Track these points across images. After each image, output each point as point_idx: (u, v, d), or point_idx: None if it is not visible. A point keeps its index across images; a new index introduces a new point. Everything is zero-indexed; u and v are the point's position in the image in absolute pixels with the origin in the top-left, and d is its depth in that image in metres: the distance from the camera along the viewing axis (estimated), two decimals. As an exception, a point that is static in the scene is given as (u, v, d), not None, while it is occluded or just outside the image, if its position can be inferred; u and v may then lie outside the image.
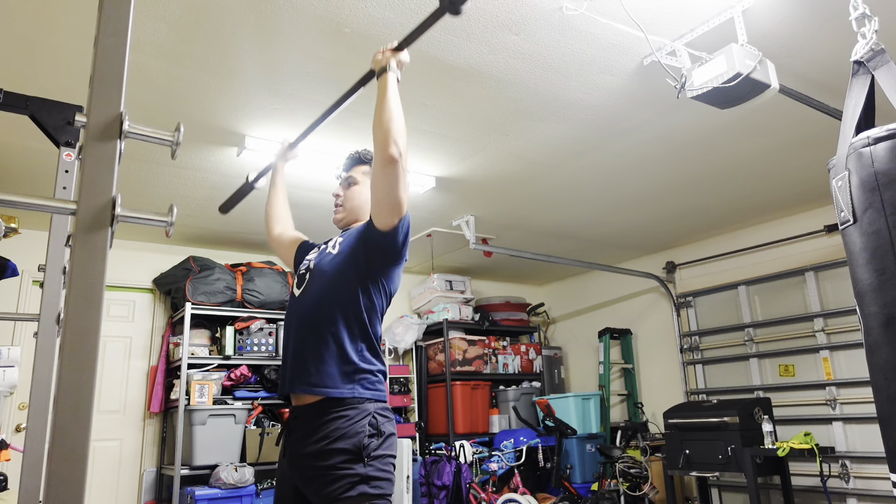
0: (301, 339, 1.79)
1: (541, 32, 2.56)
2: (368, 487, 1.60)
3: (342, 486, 1.59)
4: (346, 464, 1.62)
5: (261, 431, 4.61)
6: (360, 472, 1.61)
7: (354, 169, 2.05)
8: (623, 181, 4.23)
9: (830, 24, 2.56)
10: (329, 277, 1.83)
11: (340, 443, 1.64)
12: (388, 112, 1.71)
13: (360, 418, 1.68)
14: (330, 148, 3.50)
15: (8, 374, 2.76)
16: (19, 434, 4.18)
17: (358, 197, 2.00)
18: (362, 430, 1.66)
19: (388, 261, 1.82)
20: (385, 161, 1.68)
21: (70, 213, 0.83)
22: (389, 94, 1.73)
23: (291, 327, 1.86)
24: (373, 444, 1.65)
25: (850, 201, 1.62)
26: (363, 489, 1.60)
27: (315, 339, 1.76)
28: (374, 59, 1.81)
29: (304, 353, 1.76)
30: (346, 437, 1.64)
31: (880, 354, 1.54)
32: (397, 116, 1.72)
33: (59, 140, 1.63)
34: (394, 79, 1.77)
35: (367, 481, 1.61)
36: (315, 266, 1.90)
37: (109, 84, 0.87)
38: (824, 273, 4.85)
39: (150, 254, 5.01)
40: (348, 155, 2.09)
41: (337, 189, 2.05)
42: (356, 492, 1.59)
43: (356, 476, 1.61)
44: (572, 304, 6.92)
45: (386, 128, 1.70)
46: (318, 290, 1.83)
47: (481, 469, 5.15)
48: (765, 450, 4.01)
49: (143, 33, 2.43)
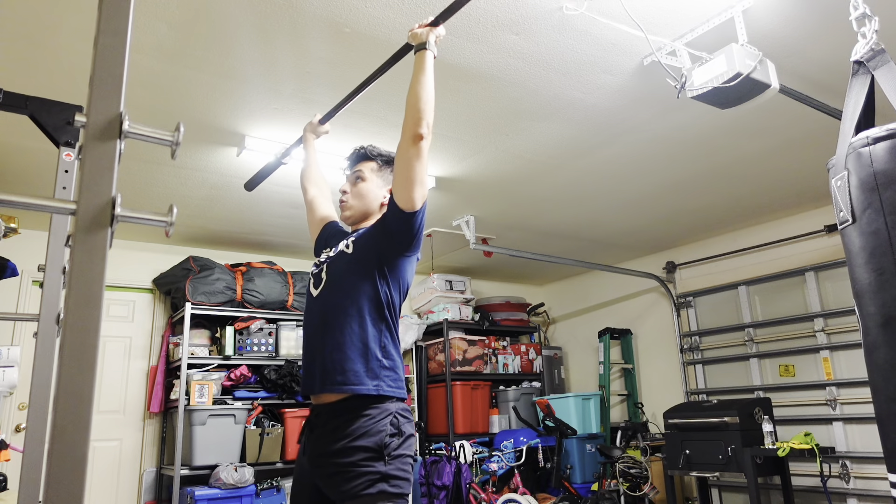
0: (323, 339, 1.80)
1: (541, 32, 2.56)
2: (388, 486, 1.62)
3: (363, 483, 1.61)
4: (368, 461, 1.64)
5: (261, 431, 4.61)
6: (381, 469, 1.63)
7: (361, 164, 2.04)
8: (623, 181, 4.23)
9: (830, 24, 2.56)
10: (347, 276, 1.84)
11: (362, 440, 1.66)
12: (425, 89, 1.76)
13: (382, 417, 1.70)
14: (330, 148, 3.50)
15: (8, 374, 2.76)
16: (19, 434, 4.18)
17: (366, 193, 1.99)
18: (384, 429, 1.68)
19: (402, 248, 1.82)
20: (414, 137, 1.73)
21: (70, 213, 0.83)
22: (427, 71, 1.78)
23: (312, 327, 1.86)
24: (394, 444, 1.67)
25: (850, 201, 1.62)
26: (383, 487, 1.61)
27: (338, 338, 1.77)
28: (411, 34, 1.85)
29: (328, 353, 1.77)
30: (369, 434, 1.66)
31: (879, 354, 1.54)
32: (431, 94, 1.77)
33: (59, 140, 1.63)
34: (431, 56, 1.81)
35: (386, 479, 1.63)
36: (331, 265, 1.90)
37: (109, 84, 0.87)
38: (824, 273, 4.85)
39: (150, 254, 5.01)
40: (353, 151, 2.08)
41: (344, 185, 2.04)
42: (376, 489, 1.61)
43: (377, 474, 1.62)
44: (572, 304, 6.92)
45: (421, 105, 1.75)
46: (338, 290, 1.84)
47: (481, 469, 5.15)
48: (765, 450, 4.01)
49: (143, 33, 2.43)
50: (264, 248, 5.35)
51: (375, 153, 2.03)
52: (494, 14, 2.43)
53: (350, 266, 1.85)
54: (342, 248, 1.92)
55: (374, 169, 2.01)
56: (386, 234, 1.82)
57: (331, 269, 1.89)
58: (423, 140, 1.72)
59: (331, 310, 1.82)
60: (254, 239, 5.12)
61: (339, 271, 1.87)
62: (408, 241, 1.82)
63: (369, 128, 3.33)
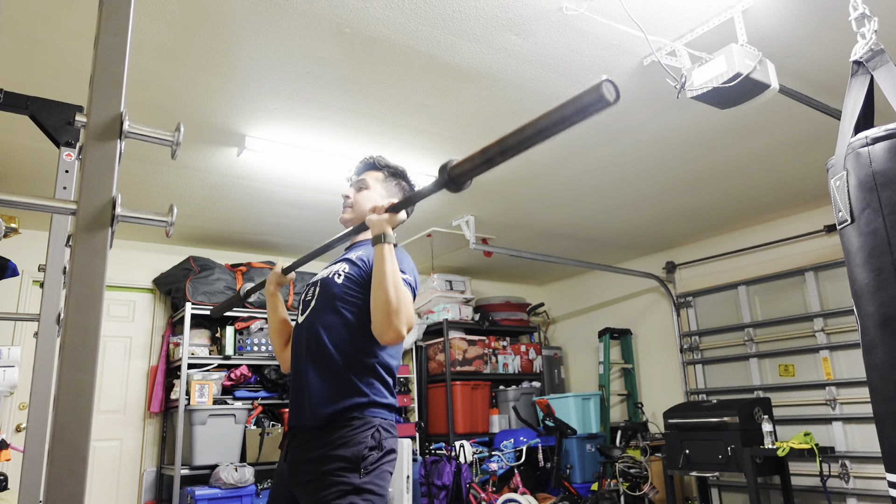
0: (307, 373, 1.76)
1: (541, 32, 2.56)
2: (359, 499, 1.59)
3: (333, 493, 1.59)
4: (342, 471, 1.61)
5: (261, 431, 4.61)
6: (355, 482, 1.60)
7: (367, 173, 2.03)
8: (623, 181, 4.23)
9: (830, 24, 2.57)
10: (335, 310, 1.79)
11: (341, 450, 1.64)
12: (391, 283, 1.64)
13: (364, 429, 1.68)
14: (331, 148, 3.50)
15: (8, 374, 2.76)
16: (19, 434, 4.18)
17: (368, 202, 1.97)
18: (364, 441, 1.65)
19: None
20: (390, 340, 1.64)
21: (70, 213, 0.83)
22: (387, 267, 1.65)
23: (298, 357, 1.82)
24: (372, 457, 1.65)
25: (848, 201, 1.62)
26: (353, 500, 1.58)
27: (322, 373, 1.73)
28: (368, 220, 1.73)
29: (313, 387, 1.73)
30: (348, 445, 1.64)
31: (877, 354, 1.54)
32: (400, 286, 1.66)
33: (60, 140, 1.64)
34: (390, 248, 1.69)
35: (358, 492, 1.60)
36: (320, 293, 1.85)
37: (109, 84, 0.87)
38: (824, 273, 4.85)
39: (150, 254, 5.01)
40: (361, 159, 2.06)
41: (347, 190, 2.03)
42: (346, 501, 1.58)
43: (349, 485, 1.60)
44: (572, 304, 6.92)
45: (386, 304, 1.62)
46: (324, 324, 1.79)
47: (481, 469, 5.15)
48: (765, 450, 4.01)
49: (143, 33, 2.43)
50: (264, 248, 5.35)
51: (383, 164, 2.02)
52: (494, 14, 2.43)
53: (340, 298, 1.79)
54: (333, 277, 1.85)
55: (380, 179, 2.01)
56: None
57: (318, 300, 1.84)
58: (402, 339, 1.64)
59: (316, 344, 1.77)
60: (254, 239, 5.12)
61: (327, 305, 1.81)
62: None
63: (369, 127, 3.33)
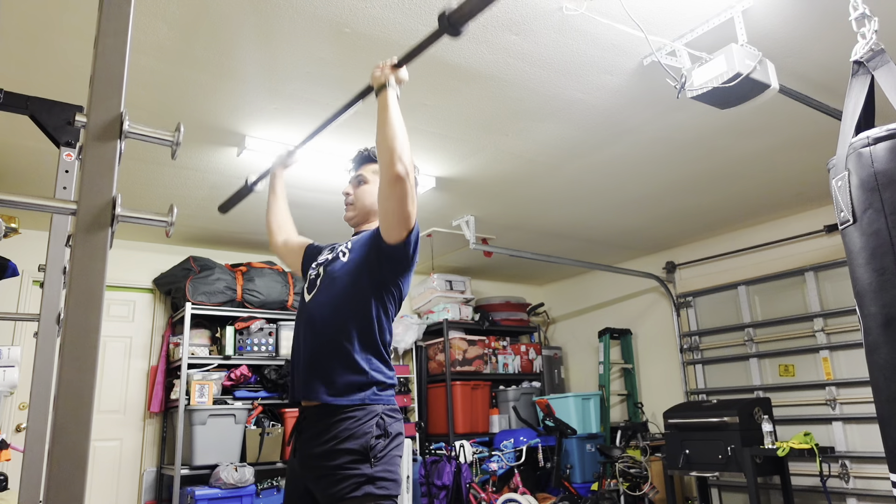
0: (311, 348, 1.79)
1: (541, 32, 2.56)
2: (374, 488, 1.61)
3: (348, 486, 1.61)
4: (353, 464, 1.63)
5: (261, 431, 4.61)
6: (367, 472, 1.62)
7: (364, 167, 2.03)
8: (623, 181, 4.23)
9: (830, 24, 2.56)
10: (341, 285, 1.82)
11: (348, 443, 1.65)
12: (391, 129, 1.68)
13: (367, 419, 1.69)
14: (332, 148, 3.50)
15: (8, 374, 2.76)
16: (19, 434, 4.18)
17: (368, 196, 1.98)
18: (370, 431, 1.67)
19: (398, 269, 1.81)
20: (392, 180, 1.65)
21: (70, 213, 0.83)
22: (391, 112, 1.70)
23: (301, 333, 1.85)
24: (380, 445, 1.67)
25: (850, 201, 1.62)
26: (369, 489, 1.61)
27: (325, 348, 1.76)
28: (372, 76, 1.77)
29: (314, 362, 1.76)
30: (354, 437, 1.66)
31: (880, 354, 1.54)
32: (400, 133, 1.68)
33: (60, 140, 1.63)
34: (394, 95, 1.72)
35: (372, 482, 1.62)
36: (326, 272, 1.88)
37: (109, 84, 0.87)
38: (824, 273, 4.85)
39: (150, 254, 5.01)
40: (357, 153, 2.07)
41: (347, 187, 2.04)
42: (361, 492, 1.60)
43: (362, 476, 1.62)
44: (572, 304, 6.92)
45: (390, 146, 1.66)
46: (330, 298, 1.82)
47: (481, 469, 5.15)
48: (765, 450, 4.01)
49: (143, 33, 2.43)
50: (264, 248, 5.34)
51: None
52: (494, 14, 2.43)
53: (345, 276, 1.83)
54: (338, 256, 1.90)
55: (377, 171, 2.01)
56: (380, 259, 1.79)
57: (325, 277, 1.88)
58: (404, 181, 1.65)
59: (321, 319, 1.80)
60: (254, 239, 5.12)
61: (333, 281, 1.85)
62: (404, 265, 1.81)
63: (369, 127, 3.31)
